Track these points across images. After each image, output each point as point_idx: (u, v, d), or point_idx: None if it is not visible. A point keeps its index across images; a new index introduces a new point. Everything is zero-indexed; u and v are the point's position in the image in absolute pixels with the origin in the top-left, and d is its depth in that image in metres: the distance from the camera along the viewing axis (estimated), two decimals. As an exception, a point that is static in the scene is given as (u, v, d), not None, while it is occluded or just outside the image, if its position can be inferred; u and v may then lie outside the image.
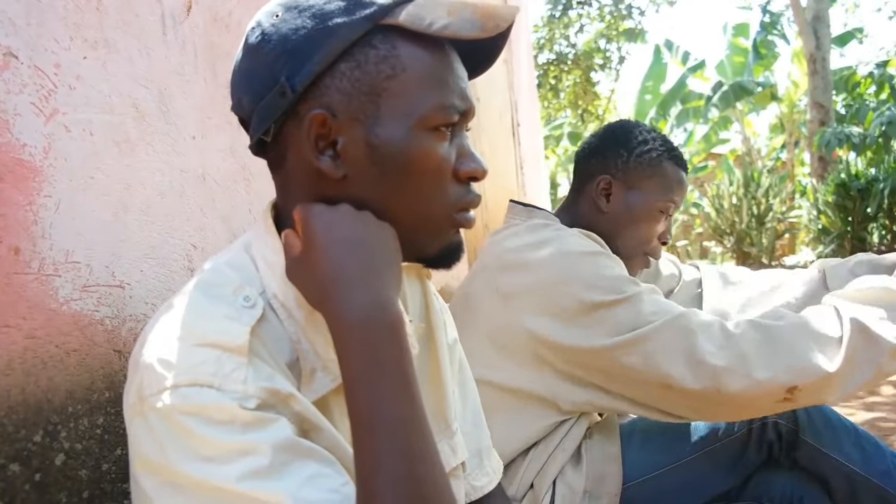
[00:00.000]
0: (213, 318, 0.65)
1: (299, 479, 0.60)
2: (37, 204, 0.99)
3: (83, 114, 1.08)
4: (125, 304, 1.12)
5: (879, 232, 7.80)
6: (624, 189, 1.40)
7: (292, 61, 0.68)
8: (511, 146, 4.02)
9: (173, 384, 0.61)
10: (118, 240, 1.12)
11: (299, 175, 0.73)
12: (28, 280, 0.97)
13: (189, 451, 0.60)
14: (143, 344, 0.66)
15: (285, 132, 0.71)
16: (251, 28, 0.73)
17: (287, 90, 0.68)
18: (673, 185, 1.40)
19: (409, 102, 0.70)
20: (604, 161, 1.42)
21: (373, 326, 0.65)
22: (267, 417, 0.62)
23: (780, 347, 1.09)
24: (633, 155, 1.40)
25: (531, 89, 5.08)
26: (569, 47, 14.33)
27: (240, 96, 0.73)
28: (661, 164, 1.39)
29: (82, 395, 1.03)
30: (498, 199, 3.72)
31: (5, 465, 0.92)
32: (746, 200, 9.56)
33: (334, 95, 0.69)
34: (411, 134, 0.70)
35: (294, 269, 0.70)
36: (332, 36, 0.68)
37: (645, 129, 1.45)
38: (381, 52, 0.69)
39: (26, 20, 1.00)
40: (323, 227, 0.69)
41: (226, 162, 1.37)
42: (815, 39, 9.94)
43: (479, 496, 0.94)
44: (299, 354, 0.71)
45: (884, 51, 15.00)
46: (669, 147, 1.42)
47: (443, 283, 2.79)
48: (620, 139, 1.42)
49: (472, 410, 0.97)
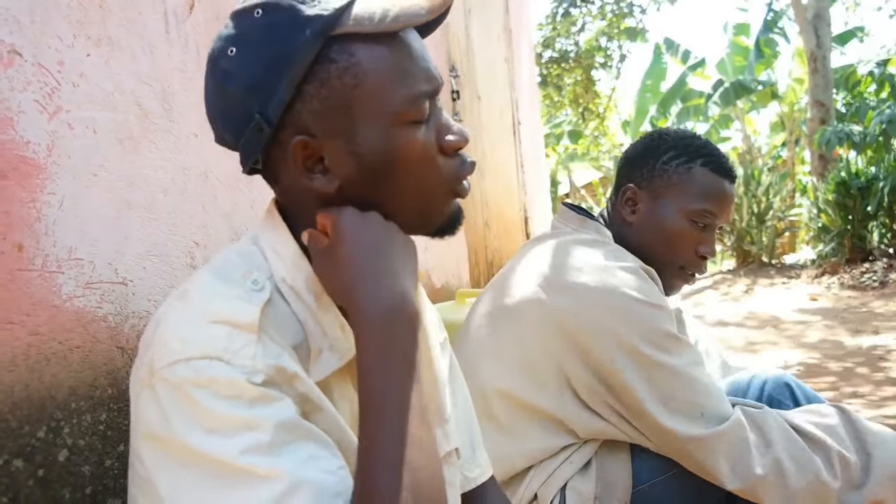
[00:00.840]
0: (225, 298, 0.68)
1: (298, 458, 0.63)
2: (40, 201, 0.99)
3: (86, 111, 1.08)
4: (128, 301, 1.12)
5: (879, 230, 7.80)
6: (650, 198, 1.33)
7: (260, 96, 0.69)
8: (512, 144, 4.02)
9: (186, 357, 0.63)
10: (121, 237, 1.12)
11: (297, 193, 0.75)
12: (31, 277, 0.97)
13: (194, 422, 0.62)
14: (158, 323, 0.69)
15: (273, 158, 0.73)
16: (210, 66, 0.73)
17: (263, 125, 0.70)
18: (707, 191, 1.30)
19: (380, 105, 0.71)
20: (631, 170, 1.37)
21: (394, 318, 0.69)
22: (272, 395, 0.64)
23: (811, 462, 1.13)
24: (660, 162, 1.33)
25: (532, 87, 5.08)
26: (572, 45, 14.31)
27: (221, 133, 0.75)
28: (690, 170, 1.31)
29: (85, 391, 1.03)
30: (498, 196, 3.72)
31: (9, 460, 0.93)
32: (747, 199, 9.54)
33: (308, 118, 0.70)
34: (389, 133, 0.72)
35: (322, 262, 0.73)
36: (289, 63, 0.68)
37: (680, 134, 1.37)
38: (340, 65, 0.69)
39: (30, 18, 1.00)
40: (354, 227, 0.72)
41: (228, 159, 1.37)
42: (815, 38, 9.93)
43: (472, 487, 0.96)
44: (307, 335, 0.74)
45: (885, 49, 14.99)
46: (706, 153, 1.32)
47: (443, 280, 2.80)
48: (650, 147, 1.37)
49: (463, 409, 0.99)
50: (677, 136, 1.36)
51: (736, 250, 9.75)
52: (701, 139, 1.37)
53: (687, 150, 1.32)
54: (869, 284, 6.81)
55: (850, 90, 11.24)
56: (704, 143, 1.36)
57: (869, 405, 2.95)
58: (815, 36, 9.93)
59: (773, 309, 6.34)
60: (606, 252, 1.25)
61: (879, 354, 4.04)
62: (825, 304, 6.41)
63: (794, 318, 5.78)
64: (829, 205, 7.99)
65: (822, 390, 3.32)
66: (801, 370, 3.83)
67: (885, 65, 10.96)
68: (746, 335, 5.23)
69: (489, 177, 3.57)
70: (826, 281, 7.44)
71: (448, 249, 2.88)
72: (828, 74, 10.02)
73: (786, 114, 14.74)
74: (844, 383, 3.42)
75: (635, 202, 1.34)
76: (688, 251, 1.32)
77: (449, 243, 2.90)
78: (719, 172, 1.32)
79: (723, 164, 1.33)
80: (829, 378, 3.58)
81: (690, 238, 1.31)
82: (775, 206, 9.51)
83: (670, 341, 1.17)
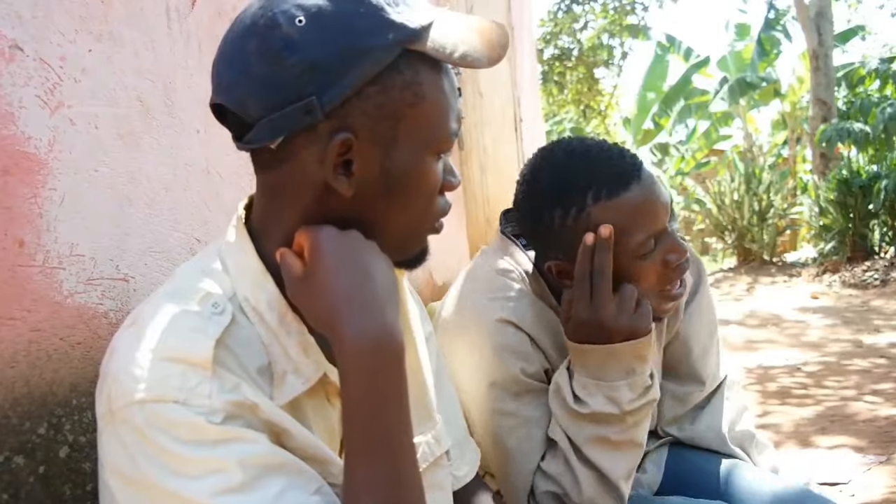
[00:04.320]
0: (179, 331, 0.66)
1: (270, 494, 0.63)
2: (41, 197, 0.99)
3: (88, 107, 1.08)
4: (129, 298, 1.12)
5: (881, 229, 7.80)
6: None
7: (322, 78, 0.66)
8: (513, 141, 4.01)
9: (140, 399, 0.62)
10: (122, 233, 1.12)
11: (301, 187, 0.71)
12: (33, 273, 0.97)
13: (161, 464, 0.62)
14: (111, 354, 0.68)
15: (295, 143, 0.69)
16: (266, 26, 0.67)
17: (316, 108, 0.66)
18: (622, 224, 1.05)
19: (427, 131, 0.72)
20: (535, 244, 1.20)
21: (381, 353, 0.67)
22: (235, 432, 0.64)
23: None
24: (556, 227, 1.10)
25: (534, 85, 5.07)
26: (574, 43, 14.30)
27: (245, 97, 0.69)
28: (589, 216, 1.06)
29: (86, 387, 1.03)
30: (500, 193, 3.72)
31: (10, 457, 0.93)
32: (748, 197, 9.54)
33: (358, 118, 0.68)
34: (422, 159, 0.72)
35: (297, 288, 0.69)
36: (365, 57, 0.66)
37: (547, 180, 1.11)
38: (406, 78, 0.69)
39: (32, 13, 1.00)
40: (334, 249, 0.69)
41: (230, 156, 1.37)
42: (817, 36, 9.91)
43: (461, 486, 0.96)
44: (270, 358, 0.72)
45: (887, 47, 14.97)
46: (586, 182, 1.06)
47: (445, 277, 2.79)
48: (533, 215, 1.14)
49: (448, 402, 0.98)
50: (548, 186, 1.09)
51: (737, 248, 9.75)
52: (569, 162, 1.08)
53: (569, 197, 1.06)
54: (870, 283, 6.81)
55: (852, 88, 11.22)
56: (576, 169, 1.07)
57: (889, 403, 2.95)
58: (818, 34, 9.92)
59: (775, 307, 6.34)
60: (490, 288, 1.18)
61: (881, 353, 4.03)
62: (826, 302, 6.41)
63: (796, 317, 5.78)
64: (830, 203, 7.99)
65: (822, 388, 3.33)
66: (802, 368, 3.83)
67: (888, 62, 10.94)
68: (747, 334, 5.23)
69: (491, 174, 3.57)
70: (827, 279, 7.44)
71: (450, 246, 2.88)
72: (830, 72, 10.01)
73: (787, 112, 14.72)
74: (843, 380, 3.42)
75: (566, 275, 1.09)
76: (654, 281, 1.09)
77: (450, 240, 2.90)
78: (617, 189, 1.04)
79: (614, 178, 1.04)
80: (828, 376, 3.58)
81: (649, 270, 1.07)
82: (776, 205, 9.51)
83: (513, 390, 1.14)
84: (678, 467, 1.28)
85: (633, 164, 1.06)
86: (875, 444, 2.42)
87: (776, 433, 2.68)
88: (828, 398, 3.13)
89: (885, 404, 2.91)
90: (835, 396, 3.14)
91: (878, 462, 2.22)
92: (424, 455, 0.86)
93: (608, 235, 1.03)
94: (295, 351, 0.72)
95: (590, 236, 1.04)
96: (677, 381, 1.31)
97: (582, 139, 1.14)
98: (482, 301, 1.17)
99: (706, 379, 1.30)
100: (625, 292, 1.04)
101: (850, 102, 9.96)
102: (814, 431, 2.65)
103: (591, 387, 1.06)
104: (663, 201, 1.07)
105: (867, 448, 2.38)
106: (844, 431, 2.61)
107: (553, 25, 14.08)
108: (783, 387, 3.44)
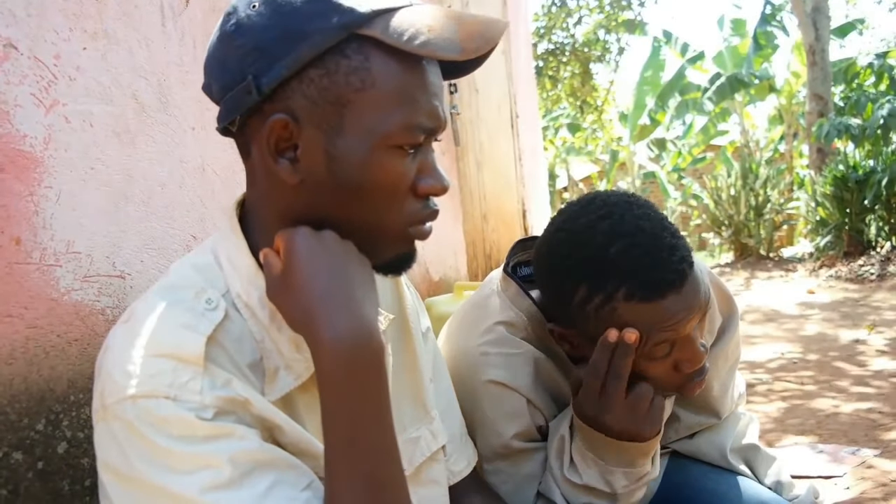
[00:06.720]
0: (171, 328, 0.67)
1: (259, 489, 0.63)
2: (38, 195, 0.99)
3: (83, 105, 1.08)
4: (126, 294, 1.12)
5: (877, 224, 7.81)
6: (589, 343, 1.01)
7: (262, 60, 0.67)
8: (510, 137, 4.02)
9: (132, 395, 0.63)
10: (119, 230, 1.12)
11: (261, 172, 0.73)
12: (29, 270, 0.97)
13: (152, 460, 0.62)
14: (106, 350, 0.68)
15: (250, 125, 0.71)
16: (227, 12, 0.71)
17: (253, 89, 0.67)
18: (648, 328, 0.96)
19: (374, 119, 0.68)
20: (551, 307, 1.08)
21: (358, 353, 0.66)
22: (226, 428, 0.64)
23: None
24: (576, 307, 1.00)
25: (530, 80, 5.07)
26: (568, 38, 14.28)
27: (210, 81, 0.73)
28: (615, 312, 0.96)
29: (84, 384, 1.04)
30: (496, 189, 3.72)
31: (8, 453, 0.93)
32: (744, 192, 9.56)
33: (299, 100, 0.68)
34: (371, 150, 0.69)
35: (275, 290, 0.69)
36: (304, 40, 0.66)
37: (585, 253, 0.98)
38: (352, 63, 0.67)
39: (26, 11, 1.00)
40: (307, 250, 0.68)
41: (225, 153, 1.37)
42: (814, 31, 9.90)
43: (457, 480, 0.96)
44: (262, 353, 0.72)
45: (884, 42, 14.95)
46: (623, 275, 0.94)
47: (441, 273, 2.80)
48: (556, 286, 1.04)
49: (445, 398, 0.98)
50: (583, 259, 0.97)
51: (734, 244, 9.77)
52: (610, 245, 0.94)
53: (600, 282, 0.95)
54: (867, 277, 6.82)
55: (848, 83, 11.22)
56: (617, 256, 0.94)
57: (854, 398, 2.97)
58: (814, 29, 9.91)
59: (772, 302, 6.35)
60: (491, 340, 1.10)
61: (877, 347, 4.05)
62: (823, 297, 6.43)
63: (793, 312, 5.79)
64: (826, 198, 8.00)
65: (817, 382, 3.34)
66: (798, 362, 3.85)
67: (884, 57, 10.93)
68: (744, 329, 5.24)
69: (487, 170, 3.57)
70: (824, 274, 7.46)
71: (446, 242, 2.89)
72: (826, 67, 10.00)
73: (784, 107, 14.71)
74: (838, 374, 3.44)
75: (574, 344, 1.04)
76: (663, 382, 1.01)
77: (447, 236, 2.90)
78: (652, 297, 0.93)
79: (653, 285, 0.93)
80: (823, 370, 3.59)
81: (658, 370, 0.99)
82: (773, 200, 9.52)
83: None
84: (677, 478, 1.26)
85: (679, 269, 0.93)
86: (869, 437, 2.44)
87: (769, 428, 2.69)
88: (822, 392, 3.15)
89: (879, 398, 2.92)
90: (830, 391, 3.16)
91: (872, 455, 2.23)
92: (421, 450, 0.87)
93: (633, 342, 0.93)
94: (286, 347, 0.73)
95: (613, 333, 0.94)
96: (692, 410, 1.25)
97: (637, 217, 0.96)
98: (475, 355, 1.09)
99: (723, 414, 1.25)
100: (639, 392, 0.98)
101: (847, 98, 9.96)
102: (808, 425, 2.66)
103: (589, 460, 1.02)
104: (698, 308, 0.96)
105: (862, 441, 2.39)
106: (839, 425, 2.62)
107: (547, 20, 14.05)
108: (778, 380, 3.45)
